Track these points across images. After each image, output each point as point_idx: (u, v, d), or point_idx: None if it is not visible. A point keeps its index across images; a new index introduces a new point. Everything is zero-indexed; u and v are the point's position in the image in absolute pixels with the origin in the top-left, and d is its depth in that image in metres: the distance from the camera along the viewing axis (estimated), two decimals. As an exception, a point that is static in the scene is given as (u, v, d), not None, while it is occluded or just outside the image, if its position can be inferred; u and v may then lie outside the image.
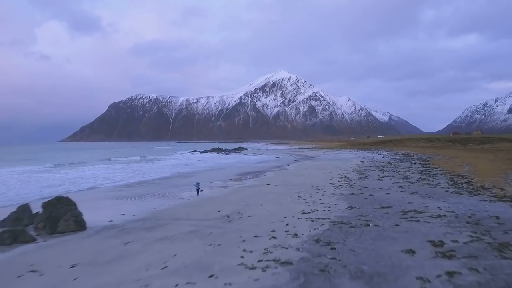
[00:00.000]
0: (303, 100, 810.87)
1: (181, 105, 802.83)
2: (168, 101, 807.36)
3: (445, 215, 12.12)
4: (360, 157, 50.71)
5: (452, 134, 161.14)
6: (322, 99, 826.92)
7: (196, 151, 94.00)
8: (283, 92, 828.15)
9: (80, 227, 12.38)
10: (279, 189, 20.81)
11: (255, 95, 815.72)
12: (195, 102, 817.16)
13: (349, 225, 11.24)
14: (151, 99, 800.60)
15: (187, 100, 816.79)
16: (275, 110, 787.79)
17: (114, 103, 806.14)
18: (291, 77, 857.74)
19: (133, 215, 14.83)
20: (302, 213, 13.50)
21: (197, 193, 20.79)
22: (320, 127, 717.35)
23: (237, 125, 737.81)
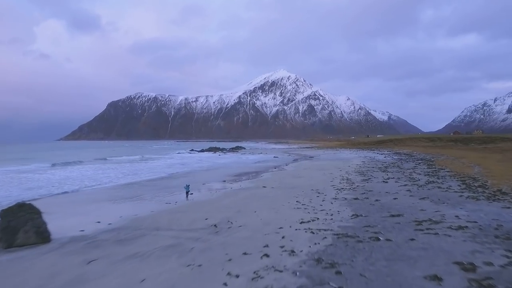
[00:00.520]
0: (302, 99, 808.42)
1: (180, 104, 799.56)
2: (167, 100, 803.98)
3: (466, 226, 10.44)
4: (361, 157, 49.04)
5: (452, 133, 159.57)
6: (321, 98, 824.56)
7: (193, 150, 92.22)
8: (282, 91, 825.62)
9: (42, 239, 10.65)
10: (276, 192, 19.12)
11: (254, 94, 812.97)
12: (194, 101, 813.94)
13: (356, 239, 9.56)
14: (150, 98, 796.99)
15: (186, 99, 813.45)
16: (274, 109, 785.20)
17: (113, 101, 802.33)
18: (290, 76, 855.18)
19: (110, 223, 13.12)
20: (300, 222, 11.82)
21: (186, 197, 19.13)
22: (319, 127, 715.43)
23: (236, 124, 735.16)
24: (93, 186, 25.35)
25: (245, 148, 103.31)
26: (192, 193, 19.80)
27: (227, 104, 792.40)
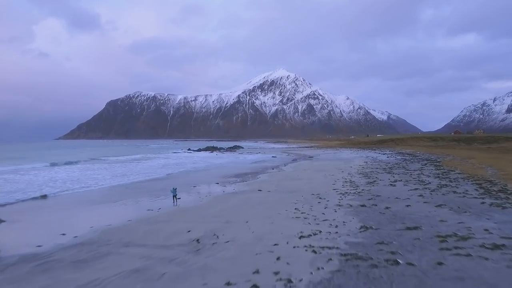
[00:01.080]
0: (301, 98, 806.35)
1: (179, 103, 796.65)
2: (166, 99, 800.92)
3: (503, 244, 8.52)
4: (362, 157, 47.15)
5: (453, 133, 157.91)
6: (320, 97, 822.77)
7: (190, 149, 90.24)
8: (282, 90, 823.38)
9: (-18, 259, 8.69)
10: (272, 197, 17.18)
11: (253, 93, 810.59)
12: (193, 100, 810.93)
13: (369, 262, 7.63)
14: (149, 97, 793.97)
15: (185, 98, 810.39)
16: (274, 108, 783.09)
17: (111, 100, 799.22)
18: (289, 75, 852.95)
19: (76, 235, 11.16)
20: (300, 237, 9.89)
21: (174, 201, 17.20)
22: (318, 126, 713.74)
23: (235, 123, 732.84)
24: (75, 189, 23.32)
25: (243, 147, 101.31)
26: (179, 198, 17.86)
27: (226, 103, 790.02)
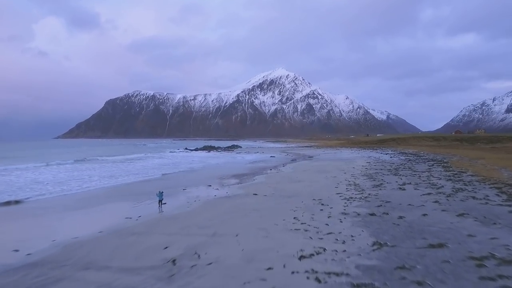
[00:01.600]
0: (301, 98, 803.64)
1: (178, 102, 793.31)
2: (165, 98, 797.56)
3: (560, 271, 6.67)
4: (364, 157, 45.31)
5: (454, 132, 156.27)
6: (320, 97, 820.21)
7: (187, 149, 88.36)
8: (281, 90, 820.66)
9: None
10: (269, 203, 15.31)
11: (252, 92, 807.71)
12: (192, 99, 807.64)
13: (391, 299, 5.77)
14: (148, 96, 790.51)
15: (184, 97, 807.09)
16: (273, 108, 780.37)
17: (110, 99, 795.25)
18: (289, 74, 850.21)
19: (30, 252, 9.30)
20: (299, 257, 8.04)
21: (159, 207, 15.40)
22: (318, 125, 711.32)
23: (234, 122, 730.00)
24: (55, 192, 21.36)
25: (241, 147, 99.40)
26: (165, 203, 16.01)
27: (226, 102, 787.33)
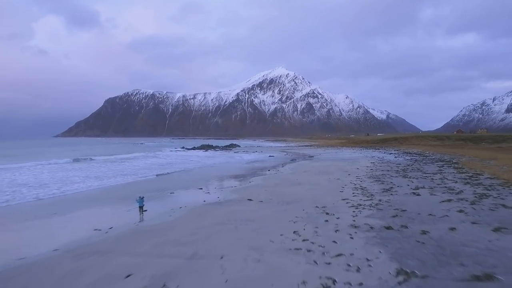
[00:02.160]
0: (300, 97, 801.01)
1: (177, 101, 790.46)
2: (164, 97, 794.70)
3: None
4: (368, 157, 43.22)
5: (456, 132, 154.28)
6: (320, 96, 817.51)
7: (184, 148, 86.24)
8: (281, 89, 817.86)
9: None
10: (264, 211, 13.22)
11: (252, 91, 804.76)
12: (192, 98, 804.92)
13: None
14: (148, 95, 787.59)
15: (183, 96, 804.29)
16: (273, 107, 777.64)
17: (110, 98, 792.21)
18: (289, 74, 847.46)
19: (-47, 282, 7.19)
20: (301, 295, 5.93)
21: (140, 215, 13.38)
22: (317, 125, 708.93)
23: (234, 121, 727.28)
24: (27, 196, 19.15)
25: (239, 146, 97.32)
26: (146, 210, 13.94)
27: (225, 101, 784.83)
